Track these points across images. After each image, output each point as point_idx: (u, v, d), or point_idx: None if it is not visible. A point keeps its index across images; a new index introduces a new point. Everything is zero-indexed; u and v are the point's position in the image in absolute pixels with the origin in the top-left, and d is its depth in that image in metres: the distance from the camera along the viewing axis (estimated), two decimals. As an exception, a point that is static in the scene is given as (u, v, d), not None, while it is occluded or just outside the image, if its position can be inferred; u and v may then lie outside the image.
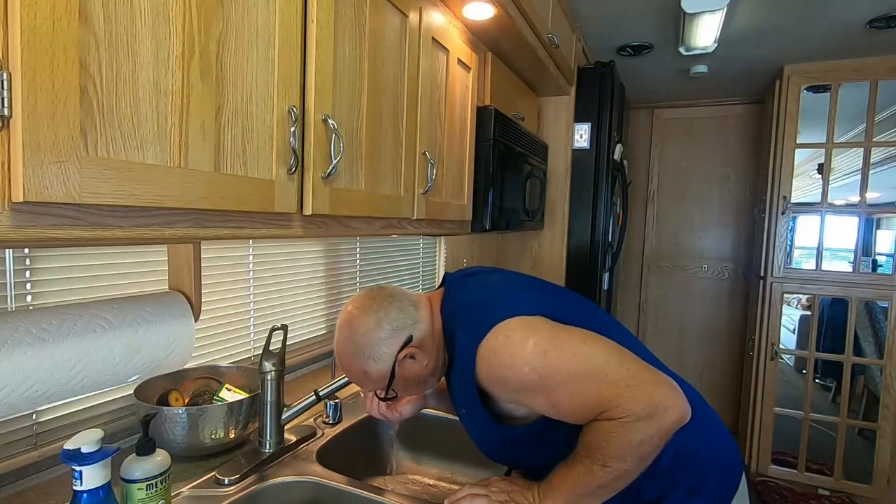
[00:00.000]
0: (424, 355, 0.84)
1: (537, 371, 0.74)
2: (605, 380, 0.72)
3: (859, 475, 2.51)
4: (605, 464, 0.71)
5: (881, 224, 6.24)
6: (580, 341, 0.76)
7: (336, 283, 1.66)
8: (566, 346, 0.75)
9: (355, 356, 0.83)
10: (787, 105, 2.46)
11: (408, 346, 0.83)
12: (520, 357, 0.74)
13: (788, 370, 4.73)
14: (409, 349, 0.83)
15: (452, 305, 0.87)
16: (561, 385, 0.74)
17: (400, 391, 0.87)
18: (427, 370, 0.86)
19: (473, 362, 0.78)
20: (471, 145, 1.47)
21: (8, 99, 0.45)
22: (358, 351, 0.82)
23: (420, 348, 0.84)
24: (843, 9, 1.82)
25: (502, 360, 0.75)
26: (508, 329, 0.77)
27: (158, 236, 0.61)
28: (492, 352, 0.76)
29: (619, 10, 1.89)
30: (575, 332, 0.77)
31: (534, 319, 0.78)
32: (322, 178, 0.84)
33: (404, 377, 0.85)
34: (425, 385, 0.89)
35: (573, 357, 0.74)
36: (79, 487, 0.61)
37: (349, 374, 0.86)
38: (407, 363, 0.84)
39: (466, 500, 0.76)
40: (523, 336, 0.76)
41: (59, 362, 0.77)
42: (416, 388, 0.88)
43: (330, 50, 0.84)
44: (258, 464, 0.92)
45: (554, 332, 0.76)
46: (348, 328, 0.83)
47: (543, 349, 0.74)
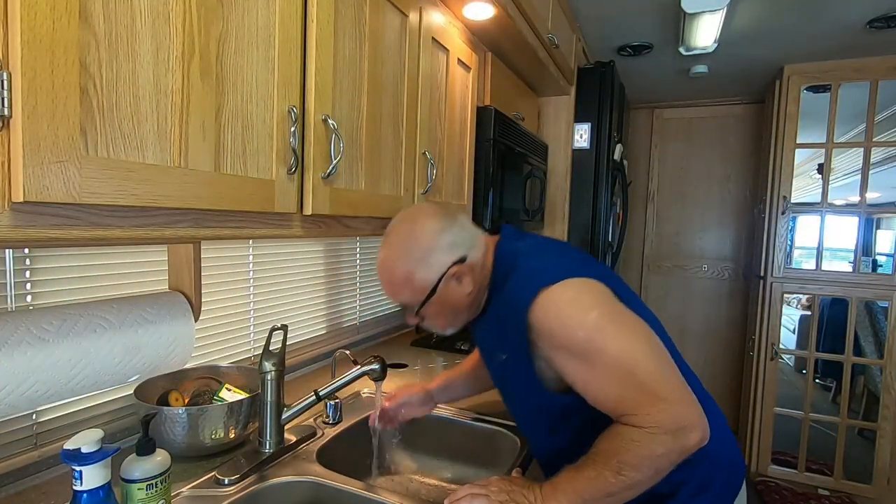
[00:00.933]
0: (470, 282, 0.83)
1: (588, 342, 0.73)
2: (646, 386, 0.71)
3: (859, 475, 2.51)
4: (620, 471, 0.70)
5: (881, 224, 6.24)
6: (639, 337, 0.75)
7: (336, 283, 1.66)
8: (625, 334, 0.74)
9: (406, 255, 0.82)
10: (787, 105, 2.46)
11: (460, 264, 0.82)
12: (578, 321, 0.74)
13: (788, 370, 4.73)
14: (460, 268, 0.82)
15: (510, 249, 0.87)
16: (602, 367, 0.73)
17: (429, 316, 0.85)
18: (466, 300, 0.85)
19: (528, 306, 0.76)
20: (471, 145, 1.47)
21: (8, 99, 0.45)
22: (411, 250, 0.82)
23: (469, 273, 0.83)
24: (843, 9, 1.82)
25: (561, 315, 0.75)
26: (578, 289, 0.76)
27: (158, 236, 0.61)
28: (555, 303, 0.75)
29: (619, 10, 1.89)
30: (638, 324, 0.76)
31: (605, 291, 0.78)
32: (322, 178, 0.84)
33: (442, 298, 0.83)
34: (454, 320, 0.87)
35: (627, 348, 0.73)
36: (79, 487, 0.61)
37: (391, 276, 0.83)
38: (452, 284, 0.83)
39: (466, 500, 0.76)
40: (590, 303, 0.75)
41: (59, 362, 0.77)
42: (444, 319, 0.87)
43: (330, 50, 0.84)
44: (258, 464, 0.92)
45: (619, 315, 0.76)
46: (410, 224, 0.83)
47: (603, 325, 0.73)
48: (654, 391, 0.71)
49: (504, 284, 0.83)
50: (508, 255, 0.86)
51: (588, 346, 0.73)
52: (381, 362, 1.07)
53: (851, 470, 2.55)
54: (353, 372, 1.06)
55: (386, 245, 0.84)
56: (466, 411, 1.23)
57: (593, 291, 0.77)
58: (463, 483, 1.18)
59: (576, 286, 0.77)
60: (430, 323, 0.88)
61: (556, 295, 0.76)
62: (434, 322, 0.88)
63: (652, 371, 0.72)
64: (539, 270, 0.80)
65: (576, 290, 0.77)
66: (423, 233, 0.82)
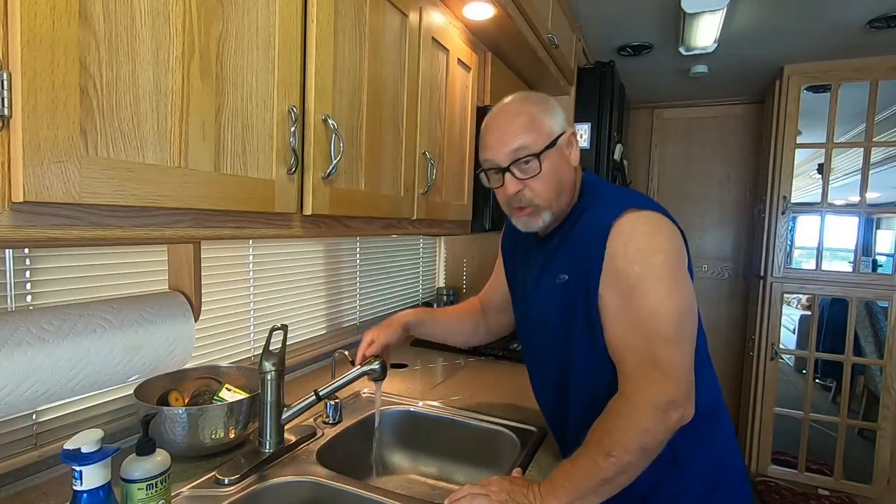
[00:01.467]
0: (575, 158, 0.86)
1: (638, 281, 0.73)
2: (657, 351, 0.72)
3: (859, 475, 2.51)
4: (610, 453, 0.71)
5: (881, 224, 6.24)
6: (682, 306, 0.74)
7: (336, 283, 1.66)
8: (672, 294, 0.74)
9: (533, 103, 0.84)
10: (787, 105, 2.46)
11: (573, 135, 0.85)
12: (641, 256, 0.74)
13: (788, 370, 4.73)
14: (573, 136, 0.85)
15: (597, 181, 0.89)
16: (634, 312, 0.74)
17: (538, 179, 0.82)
18: (569, 178, 0.85)
19: (613, 221, 0.77)
20: (471, 145, 1.47)
21: (8, 99, 0.45)
22: (541, 101, 0.84)
23: (574, 153, 0.85)
24: (843, 9, 1.82)
25: (630, 241, 0.75)
26: (659, 227, 0.76)
27: (158, 236, 0.61)
28: (631, 228, 0.75)
29: (619, 10, 1.89)
30: (688, 294, 0.76)
31: (680, 246, 0.78)
32: (322, 178, 0.84)
33: (558, 157, 0.83)
34: (555, 196, 0.84)
35: (666, 307, 0.73)
36: (79, 487, 0.61)
37: (517, 114, 0.83)
38: (565, 148, 0.85)
39: (466, 500, 0.76)
40: (661, 246, 0.75)
41: (59, 362, 0.77)
42: (549, 189, 0.83)
43: (330, 50, 0.84)
44: (258, 464, 0.92)
45: (679, 274, 0.76)
46: (529, 91, 0.87)
47: (660, 274, 0.74)
48: (661, 360, 0.72)
49: (589, 208, 0.84)
50: (596, 184, 0.88)
51: (636, 283, 0.74)
52: (381, 362, 1.07)
53: (851, 470, 2.54)
54: (353, 372, 1.06)
55: (504, 101, 0.86)
56: (466, 411, 1.23)
57: (670, 238, 0.77)
58: (463, 483, 1.18)
59: (658, 223, 0.77)
60: (532, 191, 0.83)
61: (637, 221, 0.76)
62: (536, 190, 0.83)
63: (671, 341, 0.73)
64: (628, 196, 0.81)
65: (656, 227, 0.77)
66: (543, 96, 0.86)
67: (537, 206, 0.84)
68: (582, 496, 0.72)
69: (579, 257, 0.81)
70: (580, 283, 0.81)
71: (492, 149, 0.85)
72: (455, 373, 1.56)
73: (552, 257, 0.88)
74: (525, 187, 0.83)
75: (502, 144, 0.83)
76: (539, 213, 0.85)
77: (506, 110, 0.85)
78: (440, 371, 1.58)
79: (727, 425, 0.90)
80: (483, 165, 0.88)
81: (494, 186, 0.88)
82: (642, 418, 0.71)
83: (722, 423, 0.89)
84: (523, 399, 1.30)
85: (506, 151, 0.83)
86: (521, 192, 0.84)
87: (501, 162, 0.84)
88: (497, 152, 0.84)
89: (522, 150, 0.82)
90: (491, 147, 0.85)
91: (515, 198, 0.85)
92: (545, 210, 0.85)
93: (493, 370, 1.60)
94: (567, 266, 0.84)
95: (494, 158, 0.84)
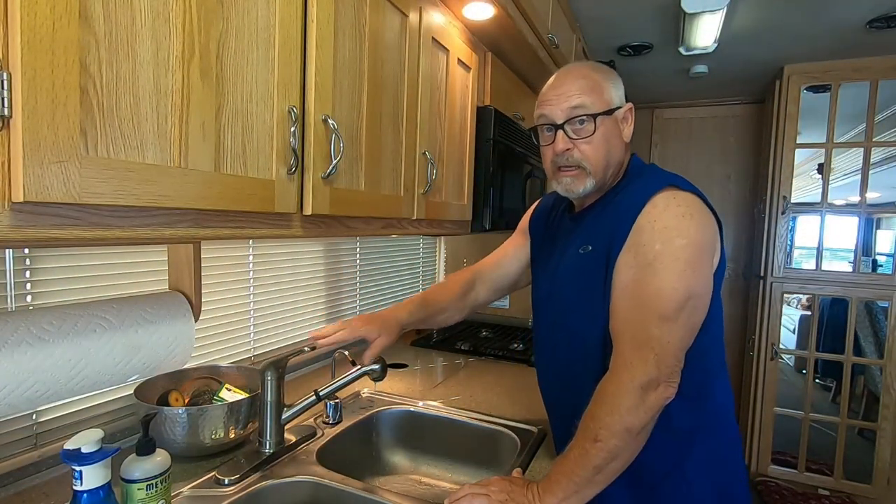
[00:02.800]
0: (628, 134, 0.86)
1: (654, 259, 0.73)
2: (652, 332, 0.71)
3: (859, 475, 2.51)
4: (597, 437, 0.70)
5: (881, 224, 6.24)
6: (691, 295, 0.73)
7: (336, 283, 1.66)
8: (685, 281, 0.72)
9: (600, 71, 0.84)
10: (787, 105, 2.46)
11: (631, 111, 0.86)
12: (668, 234, 0.73)
13: (788, 370, 4.73)
14: (630, 112, 0.86)
15: (643, 164, 0.89)
16: (642, 287, 0.73)
17: (591, 141, 0.82)
18: (620, 148, 0.85)
19: (652, 195, 0.76)
20: (471, 145, 1.47)
21: (8, 99, 0.45)
22: (606, 71, 0.85)
23: (630, 123, 0.86)
24: (843, 9, 1.82)
25: (659, 217, 0.74)
26: (693, 211, 0.75)
27: (158, 236, 0.61)
28: (665, 205, 0.75)
29: (619, 10, 1.89)
30: (703, 288, 0.75)
31: (710, 239, 0.76)
32: (322, 178, 0.84)
33: (613, 125, 0.84)
34: (604, 161, 0.84)
35: (674, 291, 0.72)
36: (79, 487, 0.61)
37: (583, 75, 0.84)
38: (622, 121, 0.85)
39: (466, 500, 0.76)
40: (689, 231, 0.74)
41: (59, 362, 0.77)
42: (599, 152, 0.83)
43: (330, 50, 0.84)
44: (258, 464, 0.92)
45: (699, 265, 0.74)
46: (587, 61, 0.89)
47: (678, 257, 0.72)
48: (652, 337, 0.71)
49: (628, 186, 0.83)
50: (642, 166, 0.88)
51: (652, 260, 0.73)
52: (381, 362, 1.07)
53: (851, 470, 2.54)
54: (353, 372, 1.06)
55: (570, 64, 0.87)
56: (466, 411, 1.23)
57: (701, 225, 0.75)
58: (463, 483, 1.18)
59: (693, 208, 0.75)
60: (581, 153, 0.83)
61: (672, 199, 0.75)
62: (586, 153, 0.83)
63: (668, 320, 0.72)
64: (671, 176, 0.80)
65: (690, 210, 0.75)
66: (608, 68, 0.86)
67: (584, 168, 0.84)
68: (577, 489, 0.72)
69: (607, 230, 0.80)
70: (602, 254, 0.80)
71: (549, 104, 0.85)
72: (455, 373, 1.56)
73: (583, 230, 0.87)
74: (575, 147, 0.83)
75: (561, 101, 0.83)
76: (584, 177, 0.84)
77: (570, 71, 0.85)
78: (440, 371, 1.58)
79: (735, 438, 0.88)
80: (537, 121, 0.88)
81: (544, 144, 0.88)
82: (624, 397, 0.70)
83: (730, 434, 0.87)
84: (523, 399, 1.30)
85: (563, 108, 0.83)
86: (571, 151, 0.83)
87: (557, 118, 0.84)
88: (554, 108, 0.84)
89: (580, 108, 0.82)
90: (549, 102, 0.85)
91: (563, 156, 0.84)
92: (590, 176, 0.84)
93: (493, 370, 1.60)
94: (593, 237, 0.83)
95: (550, 114, 0.85)
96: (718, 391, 0.86)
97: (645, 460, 0.75)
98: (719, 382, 0.86)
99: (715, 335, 0.83)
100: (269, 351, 1.40)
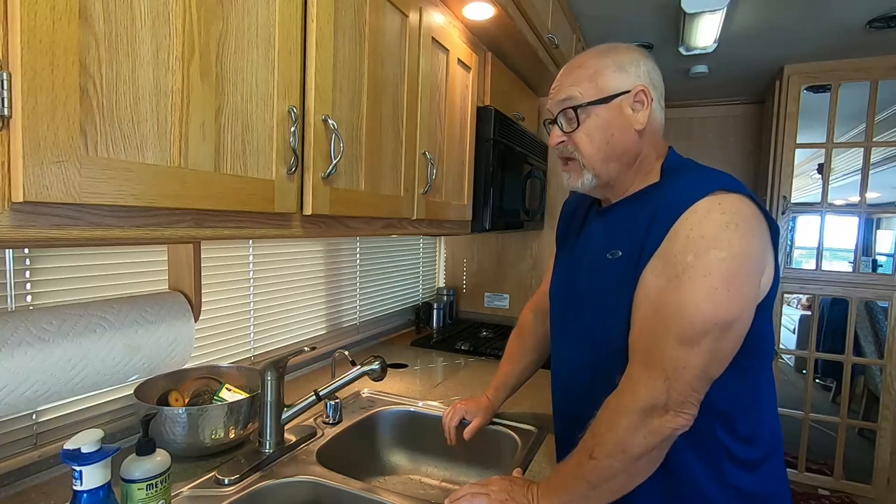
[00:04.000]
0: (643, 120, 0.78)
1: (684, 270, 0.66)
2: (667, 351, 0.66)
3: (859, 475, 2.51)
4: (592, 454, 0.68)
5: (881, 224, 6.25)
6: (723, 312, 0.65)
7: (336, 283, 1.66)
8: (714, 301, 0.64)
9: (604, 56, 0.80)
10: (787, 105, 2.46)
11: (646, 93, 0.78)
12: (704, 245, 0.65)
13: (788, 370, 4.73)
14: (646, 96, 0.78)
15: (684, 161, 0.82)
16: (664, 298, 0.67)
17: (582, 132, 0.79)
18: (628, 139, 0.78)
19: (697, 199, 0.68)
20: (471, 145, 1.47)
21: (8, 99, 0.45)
22: (611, 54, 0.79)
23: (646, 113, 0.78)
24: (843, 9, 1.82)
25: (698, 225, 0.66)
26: (738, 220, 0.66)
27: (158, 236, 0.61)
28: (707, 215, 0.66)
29: (619, 10, 1.89)
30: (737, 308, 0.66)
31: (757, 247, 0.68)
32: (322, 178, 0.84)
33: (611, 116, 0.77)
34: (601, 157, 0.79)
35: (699, 311, 0.64)
36: (79, 487, 0.61)
37: (579, 64, 0.81)
38: (629, 107, 0.78)
39: (467, 500, 0.76)
40: (729, 242, 0.65)
41: (59, 362, 0.77)
42: (593, 146, 0.79)
43: (330, 50, 0.84)
44: (258, 464, 0.92)
45: (737, 280, 0.65)
46: (618, 43, 0.83)
47: (711, 271, 0.64)
48: (666, 357, 0.66)
49: (669, 188, 0.76)
50: (683, 164, 0.80)
51: (679, 272, 0.66)
52: (381, 362, 1.07)
53: (851, 470, 2.54)
54: (353, 372, 1.06)
55: (586, 50, 0.84)
56: (466, 411, 1.23)
57: (747, 237, 0.66)
58: (463, 483, 1.18)
59: (740, 216, 0.66)
60: (576, 143, 0.80)
61: (716, 206, 0.67)
62: (578, 145, 0.79)
63: (686, 343, 0.65)
64: (720, 178, 0.71)
65: (736, 219, 0.66)
66: (628, 49, 0.81)
67: (578, 161, 0.81)
68: (573, 499, 0.70)
69: (640, 235, 0.74)
70: (631, 262, 0.74)
71: (549, 97, 0.85)
72: (455, 373, 1.56)
73: (611, 231, 0.82)
74: (568, 140, 0.81)
75: (555, 94, 0.83)
76: (581, 170, 0.81)
77: (572, 61, 0.83)
78: (440, 371, 1.58)
79: (780, 466, 0.83)
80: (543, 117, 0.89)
81: (549, 139, 0.87)
82: (624, 417, 0.67)
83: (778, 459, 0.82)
84: (523, 399, 1.29)
85: (556, 100, 0.82)
86: (565, 143, 0.82)
87: (553, 111, 0.83)
88: (551, 101, 0.84)
89: (568, 101, 0.80)
90: (549, 96, 0.85)
91: (557, 149, 0.83)
92: (587, 169, 0.80)
93: (493, 370, 1.59)
94: (623, 241, 0.77)
95: (549, 107, 0.84)
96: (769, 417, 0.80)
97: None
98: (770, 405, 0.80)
99: (767, 372, 0.77)
100: (269, 351, 1.40)
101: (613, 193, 0.84)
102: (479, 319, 2.34)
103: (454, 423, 1.10)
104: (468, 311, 2.40)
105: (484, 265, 2.36)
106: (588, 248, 0.87)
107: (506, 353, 1.17)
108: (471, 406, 1.11)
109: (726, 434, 0.74)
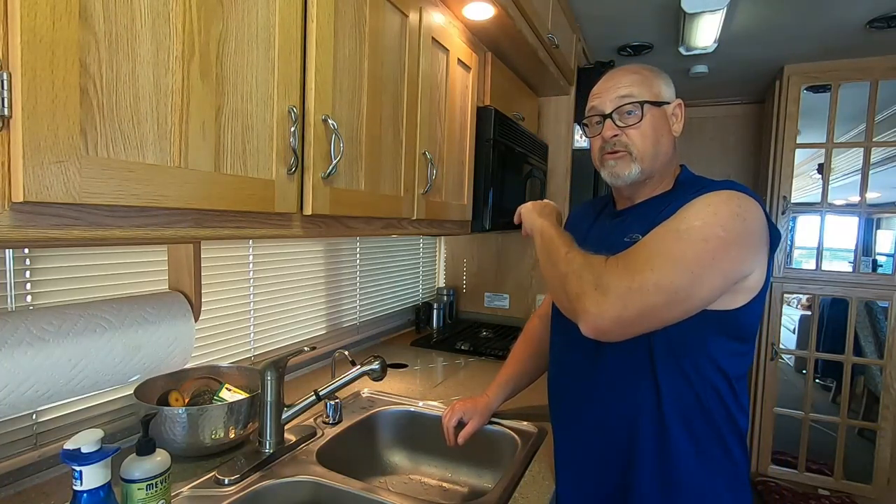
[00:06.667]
0: (677, 130, 0.87)
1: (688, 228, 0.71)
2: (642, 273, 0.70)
3: (859, 475, 2.51)
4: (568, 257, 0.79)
5: (881, 224, 6.25)
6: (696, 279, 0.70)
7: (336, 283, 1.66)
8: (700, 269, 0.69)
9: (651, 69, 0.87)
10: (787, 105, 2.46)
11: (681, 108, 0.87)
12: (713, 219, 0.71)
13: (788, 370, 4.73)
14: (680, 109, 0.87)
15: (695, 177, 0.89)
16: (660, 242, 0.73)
17: (640, 128, 0.84)
18: (667, 143, 0.86)
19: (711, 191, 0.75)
20: (471, 145, 1.47)
21: (8, 99, 0.45)
22: (657, 70, 0.88)
23: (678, 126, 0.87)
24: (843, 9, 1.82)
25: (715, 207, 0.72)
26: (746, 214, 0.72)
27: (158, 236, 0.61)
28: (721, 201, 0.73)
29: (619, 10, 1.89)
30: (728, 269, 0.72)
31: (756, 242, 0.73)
32: (322, 178, 0.84)
33: (662, 118, 0.85)
34: (651, 151, 0.84)
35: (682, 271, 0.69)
36: (79, 487, 0.61)
37: (630, 72, 0.86)
38: (671, 116, 0.86)
39: None
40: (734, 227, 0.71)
41: (59, 362, 0.77)
42: (646, 141, 0.84)
43: (330, 50, 0.84)
44: (258, 464, 0.92)
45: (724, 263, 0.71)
46: None
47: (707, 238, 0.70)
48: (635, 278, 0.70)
49: (684, 187, 0.84)
50: (694, 178, 0.88)
51: (683, 228, 0.72)
52: (381, 362, 1.07)
53: (851, 470, 2.54)
54: (353, 372, 1.06)
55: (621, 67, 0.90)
56: (466, 411, 1.23)
57: (751, 231, 0.72)
58: (463, 483, 1.18)
59: (750, 213, 0.72)
60: (629, 138, 0.84)
61: (736, 198, 0.73)
62: (633, 138, 0.84)
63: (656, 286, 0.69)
64: (741, 185, 0.77)
65: (744, 211, 0.72)
66: (659, 70, 0.89)
67: (630, 152, 0.85)
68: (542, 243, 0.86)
69: (659, 220, 0.77)
70: None
71: (599, 96, 0.88)
72: (455, 373, 1.56)
73: (629, 223, 0.86)
74: (622, 133, 0.85)
75: (610, 92, 0.86)
76: (630, 161, 0.85)
77: (622, 67, 0.88)
78: (440, 371, 1.58)
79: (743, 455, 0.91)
80: (587, 114, 0.90)
81: (592, 135, 0.90)
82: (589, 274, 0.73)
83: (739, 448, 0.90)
84: (523, 399, 1.29)
85: (611, 98, 0.85)
86: (618, 136, 0.85)
87: (605, 108, 0.86)
88: (603, 98, 0.87)
89: (627, 97, 0.84)
90: (598, 95, 0.88)
91: (610, 142, 0.86)
92: (637, 161, 0.84)
93: (493, 370, 1.60)
94: (643, 228, 0.80)
95: (599, 105, 0.87)
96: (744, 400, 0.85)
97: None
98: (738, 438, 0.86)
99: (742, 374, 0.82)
100: (269, 351, 1.40)
101: (640, 193, 0.89)
102: (479, 319, 2.34)
103: (453, 423, 1.10)
104: (468, 311, 2.40)
105: (484, 265, 2.36)
106: (602, 240, 0.88)
107: (510, 355, 1.18)
108: (469, 406, 1.11)
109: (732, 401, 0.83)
